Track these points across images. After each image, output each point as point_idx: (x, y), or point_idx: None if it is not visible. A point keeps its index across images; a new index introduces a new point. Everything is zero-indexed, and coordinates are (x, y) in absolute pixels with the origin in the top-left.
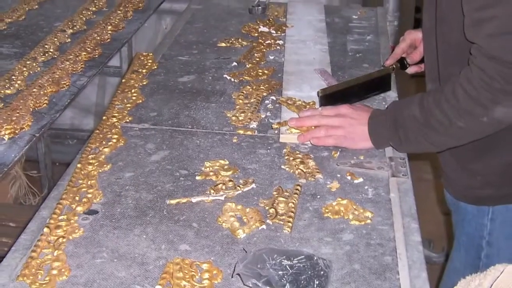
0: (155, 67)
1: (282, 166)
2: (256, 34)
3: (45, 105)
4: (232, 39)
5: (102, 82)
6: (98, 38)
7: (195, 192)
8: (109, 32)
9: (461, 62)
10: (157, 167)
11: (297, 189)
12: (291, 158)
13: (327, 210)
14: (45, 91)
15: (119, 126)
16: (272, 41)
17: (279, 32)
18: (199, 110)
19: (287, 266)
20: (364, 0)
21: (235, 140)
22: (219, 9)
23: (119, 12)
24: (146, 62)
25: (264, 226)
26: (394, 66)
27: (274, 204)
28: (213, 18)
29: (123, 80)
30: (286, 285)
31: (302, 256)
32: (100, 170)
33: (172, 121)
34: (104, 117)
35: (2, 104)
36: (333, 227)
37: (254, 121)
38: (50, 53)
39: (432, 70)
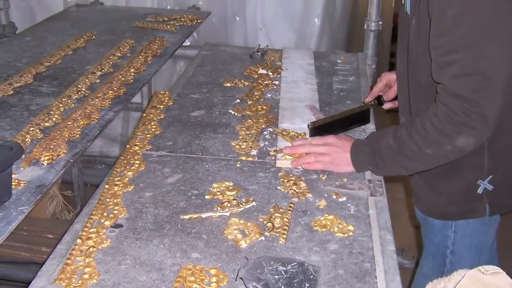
0: (171, 103)
1: (278, 187)
2: (256, 76)
3: (78, 135)
4: (236, 80)
5: (126, 116)
6: (123, 79)
7: (205, 209)
8: (132, 74)
9: (429, 99)
10: (173, 188)
11: (290, 207)
12: (286, 180)
13: (316, 224)
14: (78, 123)
15: (141, 153)
16: (270, 81)
17: (275, 74)
18: (208, 140)
19: (282, 271)
20: (347, 47)
21: (238, 165)
22: (225, 55)
23: (140, 57)
24: (163, 99)
25: (262, 238)
26: (373, 103)
27: (271, 219)
28: (219, 62)
29: (143, 115)
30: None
31: (295, 263)
32: (125, 190)
33: (185, 149)
34: (127, 146)
35: (42, 135)
36: (321, 239)
37: (254, 149)
38: (82, 91)
39: (405, 106)
